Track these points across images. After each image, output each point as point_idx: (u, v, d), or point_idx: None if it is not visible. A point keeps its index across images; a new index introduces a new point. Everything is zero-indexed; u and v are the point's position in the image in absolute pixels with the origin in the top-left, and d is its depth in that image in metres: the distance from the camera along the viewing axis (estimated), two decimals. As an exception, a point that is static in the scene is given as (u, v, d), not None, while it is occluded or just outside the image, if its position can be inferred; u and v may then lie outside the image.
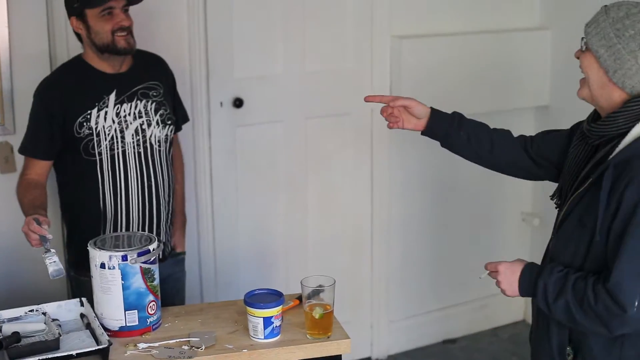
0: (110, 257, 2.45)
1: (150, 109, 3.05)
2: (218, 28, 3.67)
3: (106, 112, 2.97)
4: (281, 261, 3.96)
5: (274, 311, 2.42)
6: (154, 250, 2.50)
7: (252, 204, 3.88)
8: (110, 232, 3.02)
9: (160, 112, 3.08)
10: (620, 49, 2.08)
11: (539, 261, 2.38)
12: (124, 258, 2.45)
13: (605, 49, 2.11)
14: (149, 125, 3.04)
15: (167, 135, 3.10)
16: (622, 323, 2.03)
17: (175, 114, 3.21)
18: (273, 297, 2.48)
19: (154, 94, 3.09)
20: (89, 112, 2.95)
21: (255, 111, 3.80)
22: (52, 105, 2.96)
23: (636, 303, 1.99)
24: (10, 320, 2.54)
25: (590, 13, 3.90)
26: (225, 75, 3.72)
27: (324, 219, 4.06)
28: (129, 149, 3.00)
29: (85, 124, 2.94)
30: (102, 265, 2.46)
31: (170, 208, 3.18)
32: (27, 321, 2.53)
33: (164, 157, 3.10)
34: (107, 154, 2.97)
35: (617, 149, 2.08)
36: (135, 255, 2.45)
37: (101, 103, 2.97)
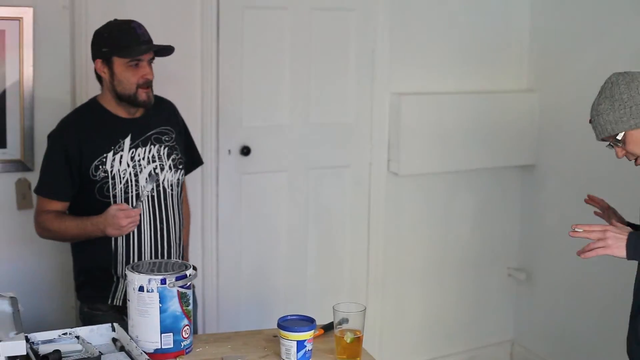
0: (149, 280, 2.53)
1: (163, 153, 3.12)
2: (229, 79, 3.83)
3: (121, 156, 3.02)
4: (280, 305, 4.06)
5: (306, 335, 2.52)
6: (190, 275, 2.60)
7: (255, 248, 4.00)
8: (122, 272, 3.07)
9: (173, 156, 3.14)
10: None
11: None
12: (163, 281, 2.54)
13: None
14: (162, 169, 3.10)
15: (179, 179, 3.17)
16: None
17: (187, 158, 3.28)
18: (305, 322, 2.58)
19: (167, 138, 3.15)
20: (104, 155, 3.00)
21: (261, 160, 3.95)
22: (70, 147, 2.98)
23: None
24: (45, 342, 2.60)
25: (576, 77, 4.19)
26: (235, 123, 3.87)
27: (322, 266, 4.19)
28: (143, 192, 3.05)
29: (100, 167, 2.99)
30: (141, 289, 2.54)
31: (180, 250, 3.23)
32: (61, 343, 2.60)
33: (175, 201, 3.16)
34: (121, 196, 3.02)
35: None
36: (174, 279, 2.54)
37: (117, 147, 3.02)
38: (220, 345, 2.69)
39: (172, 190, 3.13)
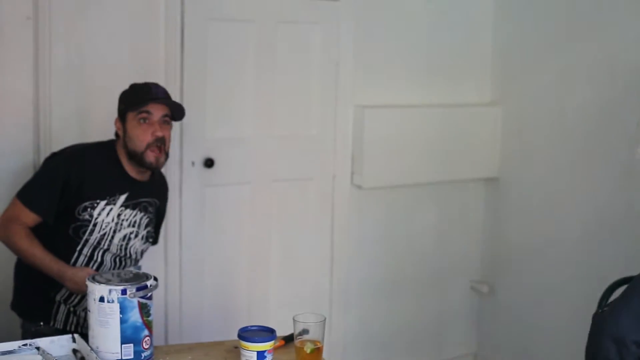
0: (110, 291, 2.52)
1: (143, 222, 3.18)
2: (193, 90, 3.83)
3: (111, 209, 3.06)
4: (244, 316, 4.05)
5: (267, 345, 2.52)
6: (151, 285, 2.59)
7: (218, 260, 4.00)
8: (63, 297, 3.10)
9: (148, 228, 3.21)
10: None
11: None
12: (124, 292, 2.53)
13: None
14: (136, 236, 3.15)
15: (143, 250, 3.23)
16: None
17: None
18: (265, 333, 2.58)
19: (151, 210, 3.21)
20: (98, 201, 3.03)
21: (225, 172, 3.95)
22: (72, 177, 3.00)
23: None
24: (4, 353, 2.58)
25: (538, 91, 4.24)
26: (198, 135, 3.87)
27: (285, 278, 4.19)
28: (112, 249, 3.10)
29: (89, 209, 3.02)
30: (102, 299, 2.53)
31: None
32: (21, 354, 2.57)
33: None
34: (92, 244, 3.05)
35: None
36: (134, 290, 2.54)
37: (111, 199, 3.06)
38: (181, 356, 2.68)
39: (135, 257, 3.19)
